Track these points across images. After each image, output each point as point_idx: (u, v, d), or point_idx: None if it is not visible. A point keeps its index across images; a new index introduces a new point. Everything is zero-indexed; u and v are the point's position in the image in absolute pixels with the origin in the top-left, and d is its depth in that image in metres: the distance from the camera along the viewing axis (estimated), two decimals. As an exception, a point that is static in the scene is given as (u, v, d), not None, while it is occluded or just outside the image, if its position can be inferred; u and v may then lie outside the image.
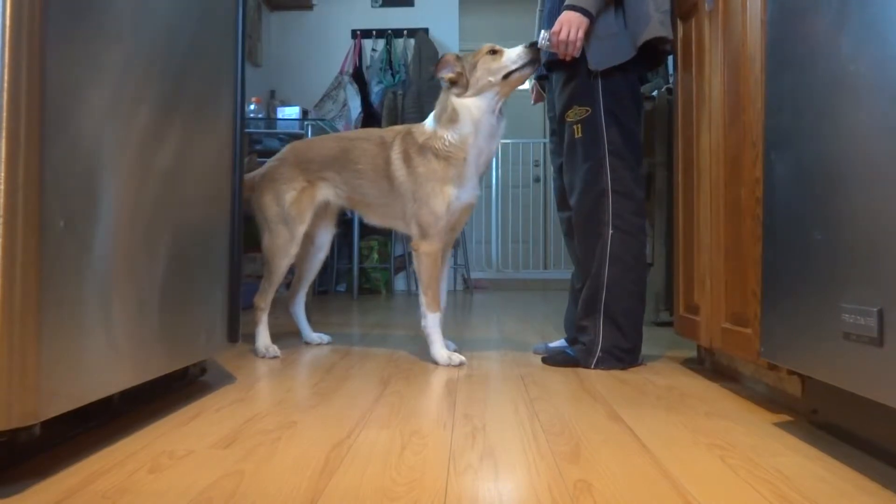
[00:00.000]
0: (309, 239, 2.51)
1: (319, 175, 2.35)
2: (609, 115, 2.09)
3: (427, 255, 2.17)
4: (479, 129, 2.14)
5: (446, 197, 2.14)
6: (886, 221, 1.01)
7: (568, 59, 2.06)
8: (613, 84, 2.09)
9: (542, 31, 2.09)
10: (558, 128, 2.24)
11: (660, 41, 2.05)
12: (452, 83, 2.17)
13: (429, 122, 2.22)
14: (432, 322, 2.17)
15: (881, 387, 1.03)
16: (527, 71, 2.14)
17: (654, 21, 2.02)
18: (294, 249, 2.34)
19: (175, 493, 1.01)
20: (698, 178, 1.98)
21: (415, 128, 2.25)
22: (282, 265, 2.34)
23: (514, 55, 2.14)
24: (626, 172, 2.10)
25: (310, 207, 2.35)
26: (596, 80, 2.09)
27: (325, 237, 2.55)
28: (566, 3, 2.04)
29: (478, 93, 2.14)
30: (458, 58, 2.18)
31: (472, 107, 2.14)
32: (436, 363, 2.13)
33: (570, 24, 2.01)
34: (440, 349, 2.15)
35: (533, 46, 2.12)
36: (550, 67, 2.22)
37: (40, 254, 1.01)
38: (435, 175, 2.14)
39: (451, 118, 2.15)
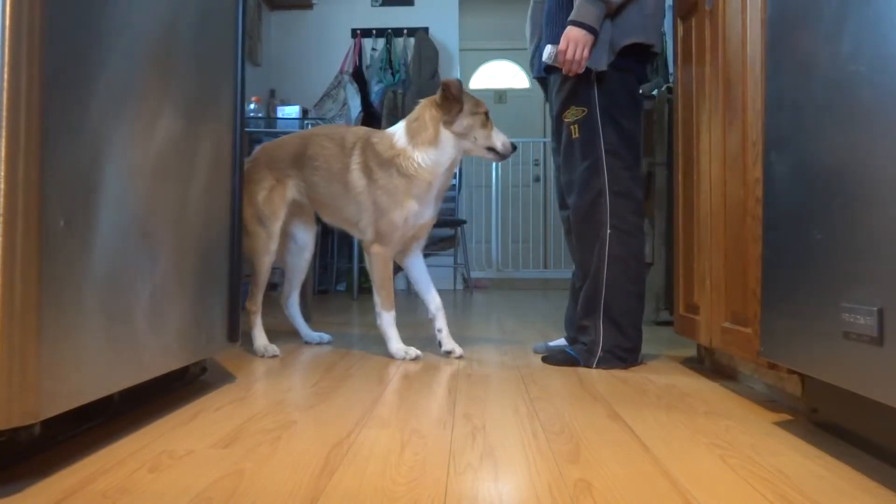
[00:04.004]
0: (290, 238, 2.51)
1: (285, 173, 2.38)
2: (605, 115, 2.09)
3: (378, 255, 2.23)
4: (451, 163, 2.23)
5: (406, 210, 2.19)
6: (886, 221, 1.01)
7: (572, 75, 2.07)
8: (610, 85, 2.10)
9: (548, 46, 2.07)
10: (557, 127, 2.25)
11: (643, 45, 2.09)
12: (444, 110, 2.19)
13: (399, 135, 2.23)
14: (387, 321, 2.24)
15: (881, 386, 1.03)
16: (496, 160, 2.33)
17: (636, 26, 2.07)
18: (273, 246, 2.36)
19: (175, 493, 1.01)
20: (698, 178, 1.98)
21: (376, 137, 2.26)
22: (264, 264, 2.35)
23: (500, 143, 2.24)
24: (624, 172, 2.10)
25: (282, 204, 2.36)
26: (592, 82, 2.09)
27: (307, 235, 2.55)
28: (571, 17, 2.03)
29: (459, 136, 2.21)
30: (462, 94, 2.21)
31: (455, 143, 2.22)
32: (392, 357, 2.20)
33: (577, 43, 2.01)
34: (396, 344, 2.23)
35: (514, 149, 2.26)
36: (548, 69, 2.22)
37: (40, 254, 1.01)
38: (398, 190, 2.19)
39: (431, 141, 2.19)
